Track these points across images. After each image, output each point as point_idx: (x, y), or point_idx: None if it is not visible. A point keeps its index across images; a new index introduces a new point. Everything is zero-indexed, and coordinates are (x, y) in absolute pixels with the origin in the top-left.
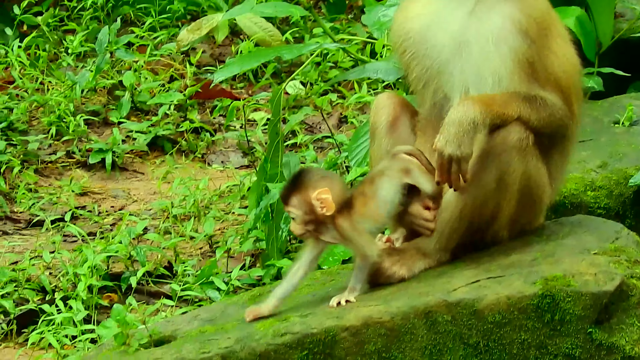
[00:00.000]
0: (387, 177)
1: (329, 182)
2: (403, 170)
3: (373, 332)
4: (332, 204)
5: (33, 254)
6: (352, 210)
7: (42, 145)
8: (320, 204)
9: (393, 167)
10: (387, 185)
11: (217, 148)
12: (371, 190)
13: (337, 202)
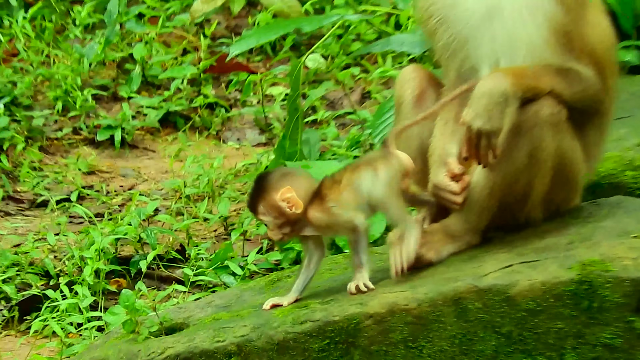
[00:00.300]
0: (374, 167)
1: (289, 179)
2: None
3: (399, 320)
4: (298, 201)
5: (37, 236)
6: (323, 200)
7: (48, 121)
8: (287, 204)
9: (383, 158)
10: (373, 175)
11: (232, 124)
12: (349, 179)
13: (304, 197)
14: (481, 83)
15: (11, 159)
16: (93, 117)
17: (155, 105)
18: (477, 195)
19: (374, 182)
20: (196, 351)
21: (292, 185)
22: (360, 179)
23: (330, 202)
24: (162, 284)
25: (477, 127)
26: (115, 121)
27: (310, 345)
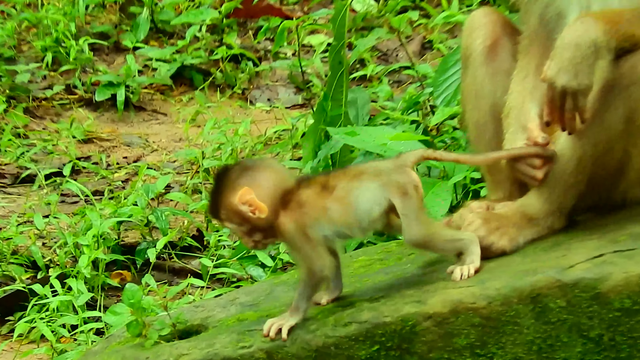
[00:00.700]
0: (383, 183)
1: (249, 176)
2: (400, 187)
3: (464, 322)
4: (260, 204)
5: (21, 219)
6: (302, 207)
7: (35, 77)
8: (249, 207)
9: (397, 176)
10: (377, 193)
11: (262, 82)
12: (347, 189)
13: (269, 198)
14: (567, 30)
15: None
16: (90, 72)
17: (167, 57)
18: (562, 169)
19: (378, 203)
20: (216, 359)
21: (253, 183)
22: (362, 192)
23: (309, 215)
24: (175, 278)
25: (561, 85)
26: (117, 77)
27: (356, 352)
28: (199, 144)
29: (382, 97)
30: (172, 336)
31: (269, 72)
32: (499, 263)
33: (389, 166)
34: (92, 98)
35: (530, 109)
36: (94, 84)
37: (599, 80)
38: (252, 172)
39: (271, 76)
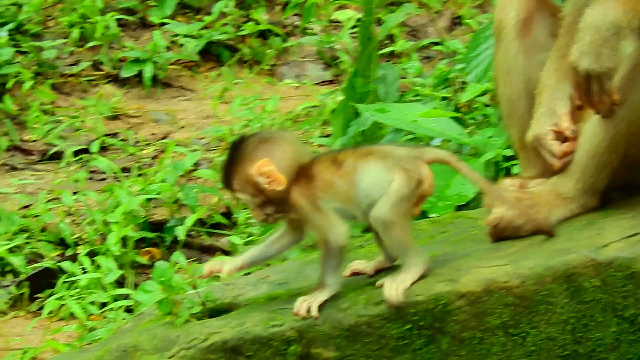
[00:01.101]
0: (388, 166)
1: (268, 148)
2: (404, 172)
3: (497, 301)
4: (280, 177)
5: (49, 196)
6: (313, 181)
7: (61, 54)
8: (267, 179)
9: (406, 163)
10: (380, 176)
11: (290, 58)
12: (352, 166)
13: (287, 171)
14: (587, 12)
15: (17, 100)
16: (117, 48)
17: (194, 33)
18: (594, 149)
19: (379, 185)
20: (247, 337)
21: (273, 155)
22: (365, 171)
23: (319, 188)
24: (204, 255)
25: (583, 69)
26: (144, 53)
27: (388, 331)
28: (227, 121)
29: (411, 74)
30: (203, 314)
31: (297, 47)
32: (532, 242)
33: (402, 153)
34: (119, 74)
35: (563, 91)
36: (120, 60)
37: (628, 60)
38: (271, 144)
39: (299, 52)
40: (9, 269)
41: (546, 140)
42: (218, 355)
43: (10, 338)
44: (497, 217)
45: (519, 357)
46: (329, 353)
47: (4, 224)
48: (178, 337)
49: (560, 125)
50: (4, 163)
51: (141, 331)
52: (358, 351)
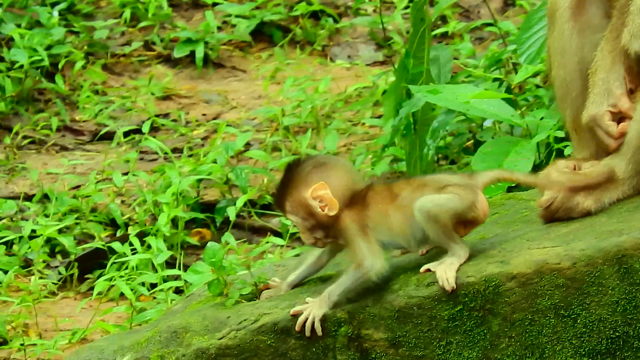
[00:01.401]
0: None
1: (324, 172)
2: (469, 199)
3: (548, 283)
4: (333, 201)
5: (100, 176)
6: (366, 209)
7: (113, 34)
8: (320, 202)
9: (461, 188)
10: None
11: (342, 38)
12: (407, 198)
13: (341, 196)
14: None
15: (68, 80)
16: (169, 28)
17: (246, 13)
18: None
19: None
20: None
21: (328, 180)
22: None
23: (371, 217)
24: (255, 236)
25: (634, 52)
26: (196, 34)
27: (439, 313)
28: (279, 102)
29: (464, 55)
30: (253, 295)
31: (349, 28)
32: (584, 224)
33: (457, 180)
34: (171, 54)
35: (619, 72)
36: (172, 41)
37: None
38: (327, 169)
39: (351, 33)
40: (59, 250)
41: (603, 121)
42: (268, 336)
43: (60, 319)
44: (550, 198)
45: (569, 338)
46: (379, 334)
47: (54, 205)
48: (228, 318)
49: (621, 105)
50: (55, 143)
51: (191, 312)
52: (408, 332)
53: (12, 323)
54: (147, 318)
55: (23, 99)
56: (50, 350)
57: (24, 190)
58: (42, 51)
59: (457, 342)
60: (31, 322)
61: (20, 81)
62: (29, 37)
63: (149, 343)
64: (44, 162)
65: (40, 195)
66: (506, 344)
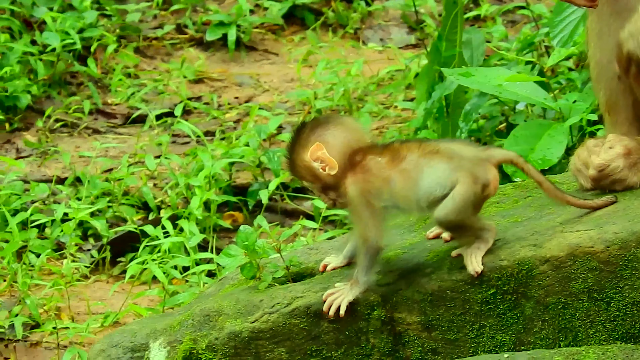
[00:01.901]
0: (453, 167)
1: (320, 132)
2: (471, 176)
3: (581, 266)
4: (331, 160)
5: (132, 159)
6: (368, 174)
7: (145, 17)
8: (321, 163)
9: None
10: (444, 175)
11: (374, 21)
12: (416, 163)
13: (340, 155)
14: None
15: (100, 63)
16: (201, 11)
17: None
18: None
19: (443, 185)
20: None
21: (324, 139)
22: (429, 170)
23: (373, 184)
24: (287, 219)
25: (627, 50)
26: (228, 17)
27: (472, 296)
28: (311, 85)
29: (496, 38)
30: (286, 279)
31: (381, 11)
32: (617, 207)
33: (470, 154)
34: (203, 38)
35: None
36: (204, 24)
37: None
38: (323, 128)
39: (384, 16)
40: (91, 233)
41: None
42: (301, 319)
43: (92, 302)
44: (605, 162)
45: (602, 322)
46: (412, 317)
47: (86, 188)
48: (261, 301)
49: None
50: (87, 126)
51: (224, 296)
52: (442, 316)
53: (44, 306)
54: (179, 301)
55: (55, 83)
56: (82, 334)
57: (57, 174)
58: (74, 34)
59: (490, 325)
60: (63, 306)
61: (53, 64)
62: (61, 21)
63: (182, 326)
64: (76, 145)
65: (73, 178)
66: (539, 328)
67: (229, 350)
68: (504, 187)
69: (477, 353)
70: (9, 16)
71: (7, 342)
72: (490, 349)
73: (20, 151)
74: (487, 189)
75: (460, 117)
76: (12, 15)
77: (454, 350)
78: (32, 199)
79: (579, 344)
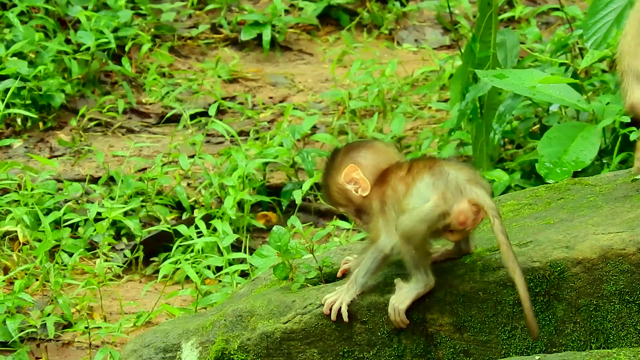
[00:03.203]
0: (436, 185)
1: (353, 154)
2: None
3: (613, 268)
4: (365, 181)
5: (166, 159)
6: (386, 184)
7: (180, 16)
8: (354, 185)
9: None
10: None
11: (409, 22)
12: (413, 177)
13: (372, 176)
14: None
15: (135, 62)
16: (236, 11)
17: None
18: None
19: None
20: (363, 303)
21: (358, 161)
22: (420, 183)
23: (386, 192)
24: (321, 219)
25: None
26: (263, 17)
27: (504, 298)
28: (345, 85)
29: (530, 39)
30: (319, 279)
31: (416, 12)
32: None
33: (456, 179)
34: (238, 37)
35: None
36: (239, 23)
37: None
38: (356, 151)
39: (418, 16)
40: (124, 233)
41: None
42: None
43: (125, 302)
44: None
45: (634, 324)
46: (444, 319)
47: (120, 187)
48: (294, 302)
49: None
50: (121, 126)
51: (256, 296)
52: (474, 317)
53: (76, 306)
54: (212, 301)
55: (89, 82)
56: (114, 334)
57: (90, 173)
58: (108, 33)
59: (522, 327)
60: (96, 305)
61: (87, 63)
62: (95, 20)
63: (214, 327)
64: (110, 144)
65: (106, 177)
66: (571, 329)
67: (261, 351)
68: (537, 189)
69: (508, 355)
70: (44, 15)
71: (39, 341)
72: (522, 351)
73: (53, 150)
74: (448, 218)
75: (494, 119)
76: (46, 14)
77: (486, 351)
78: (66, 198)
79: (610, 347)
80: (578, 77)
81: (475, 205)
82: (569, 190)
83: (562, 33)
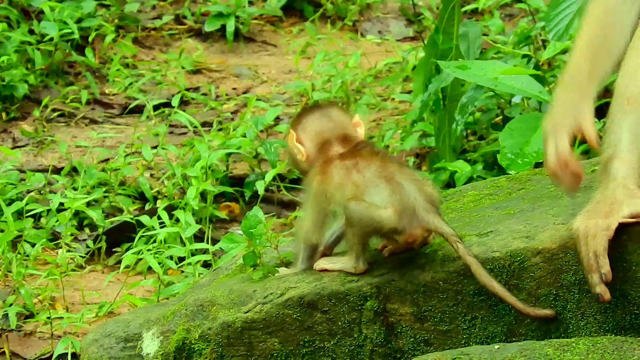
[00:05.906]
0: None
1: (302, 119)
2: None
3: (573, 258)
4: (300, 149)
5: (129, 149)
6: (329, 176)
7: (144, 7)
8: (297, 150)
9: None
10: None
11: (372, 14)
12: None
13: (310, 142)
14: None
15: (98, 53)
16: (200, 2)
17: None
18: None
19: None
20: (324, 293)
21: (302, 127)
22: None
23: (329, 185)
24: (284, 210)
25: None
26: (227, 8)
27: (464, 288)
28: (309, 76)
29: (493, 31)
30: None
31: (380, 4)
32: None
33: (415, 201)
34: (202, 28)
35: None
36: (203, 14)
37: None
38: (304, 116)
39: (382, 8)
40: (87, 223)
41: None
42: (294, 310)
43: (87, 292)
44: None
45: (593, 314)
46: (405, 309)
47: (83, 178)
48: (255, 291)
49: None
50: (84, 116)
51: (218, 286)
52: (434, 307)
53: (39, 296)
54: (174, 292)
55: (53, 72)
56: (76, 324)
57: (53, 163)
58: (72, 24)
59: (483, 316)
60: (58, 296)
61: (50, 54)
62: (59, 10)
63: (175, 316)
64: (73, 135)
65: (69, 168)
66: (531, 319)
67: (221, 341)
68: (498, 180)
69: (469, 344)
70: (7, 5)
71: (1, 331)
72: (482, 340)
73: (16, 140)
74: (397, 235)
75: (456, 110)
76: (10, 4)
77: (446, 341)
78: (28, 189)
79: (569, 336)
80: (540, 69)
81: (428, 231)
82: (530, 181)
83: (525, 25)
